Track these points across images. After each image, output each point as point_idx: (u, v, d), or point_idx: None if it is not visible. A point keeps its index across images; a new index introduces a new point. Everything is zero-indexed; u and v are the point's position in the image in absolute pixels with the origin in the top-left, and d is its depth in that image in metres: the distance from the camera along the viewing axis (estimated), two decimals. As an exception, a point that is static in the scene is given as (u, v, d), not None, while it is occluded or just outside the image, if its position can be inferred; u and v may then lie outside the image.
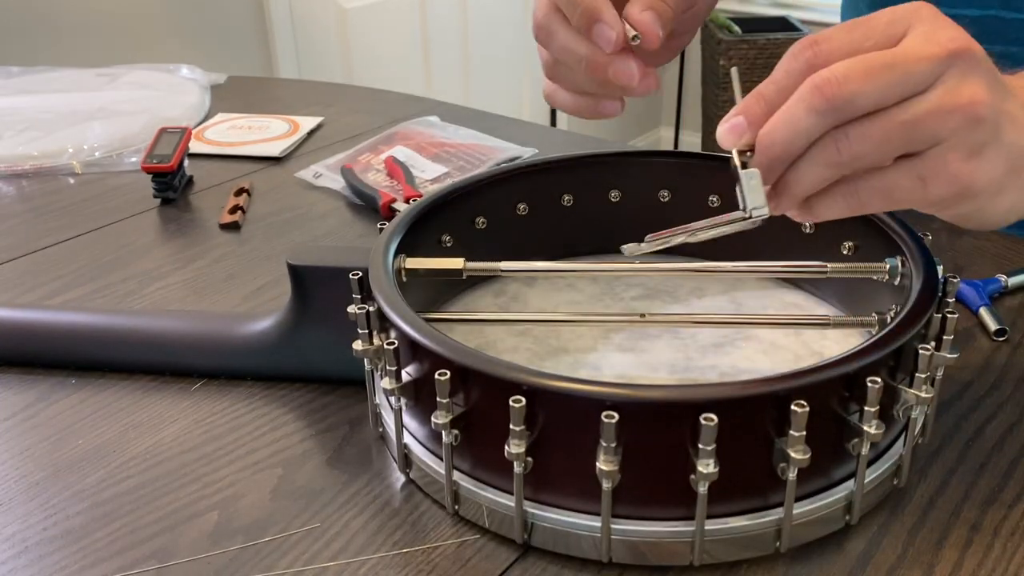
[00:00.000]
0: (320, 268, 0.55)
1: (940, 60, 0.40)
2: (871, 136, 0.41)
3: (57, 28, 1.81)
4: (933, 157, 0.42)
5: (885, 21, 0.42)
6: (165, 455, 0.54)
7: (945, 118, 0.41)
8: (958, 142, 0.41)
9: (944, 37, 0.41)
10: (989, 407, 0.56)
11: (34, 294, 0.73)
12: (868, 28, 0.42)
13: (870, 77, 0.40)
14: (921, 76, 0.40)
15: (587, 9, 0.49)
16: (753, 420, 0.43)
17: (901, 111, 0.41)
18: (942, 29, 0.41)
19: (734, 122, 0.43)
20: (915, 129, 0.41)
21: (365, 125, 1.08)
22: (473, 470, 0.48)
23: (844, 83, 0.40)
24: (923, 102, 0.41)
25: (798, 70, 0.42)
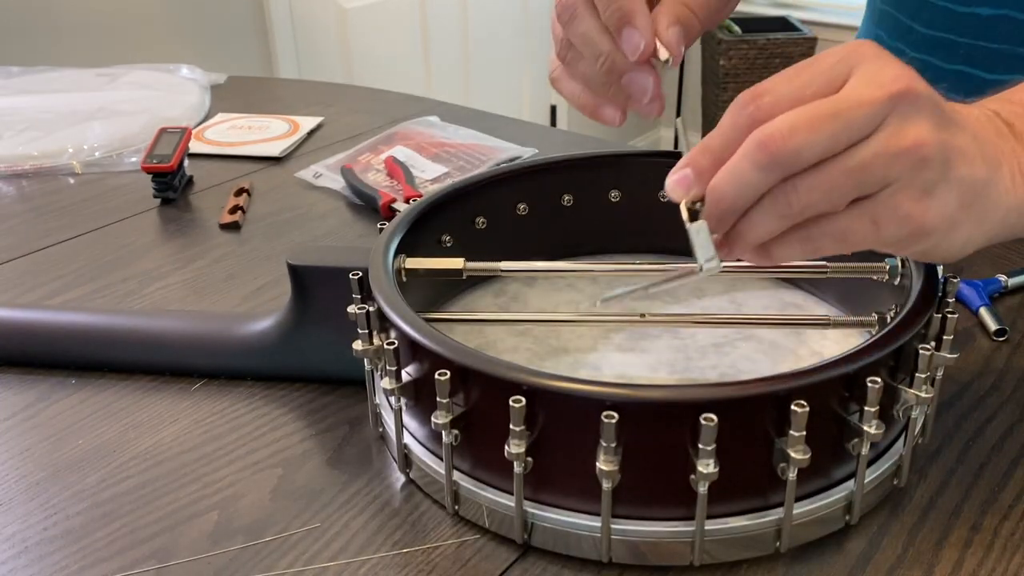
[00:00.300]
0: (320, 268, 0.55)
1: (882, 103, 0.40)
2: (820, 186, 0.41)
3: (57, 28, 1.81)
4: (884, 200, 0.41)
5: (827, 65, 0.42)
6: (165, 455, 0.54)
7: (891, 162, 0.40)
8: (907, 184, 0.41)
9: (886, 78, 0.40)
10: (989, 407, 0.56)
11: (34, 294, 0.73)
12: (810, 74, 0.42)
13: (814, 129, 0.40)
14: (864, 122, 0.40)
15: (621, 9, 0.49)
16: (753, 420, 0.43)
17: (848, 158, 0.40)
18: (884, 69, 0.41)
19: (682, 174, 0.43)
20: (863, 175, 0.41)
21: (365, 125, 1.08)
22: (473, 470, 0.48)
23: (789, 138, 0.40)
24: (868, 147, 0.40)
25: (743, 124, 0.41)
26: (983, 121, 0.45)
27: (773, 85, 0.42)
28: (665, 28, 0.49)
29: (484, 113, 1.12)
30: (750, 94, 0.42)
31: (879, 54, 0.42)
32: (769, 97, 0.41)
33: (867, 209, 0.42)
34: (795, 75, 0.42)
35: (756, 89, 0.42)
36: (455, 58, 2.55)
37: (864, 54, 0.42)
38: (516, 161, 0.91)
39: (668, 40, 0.49)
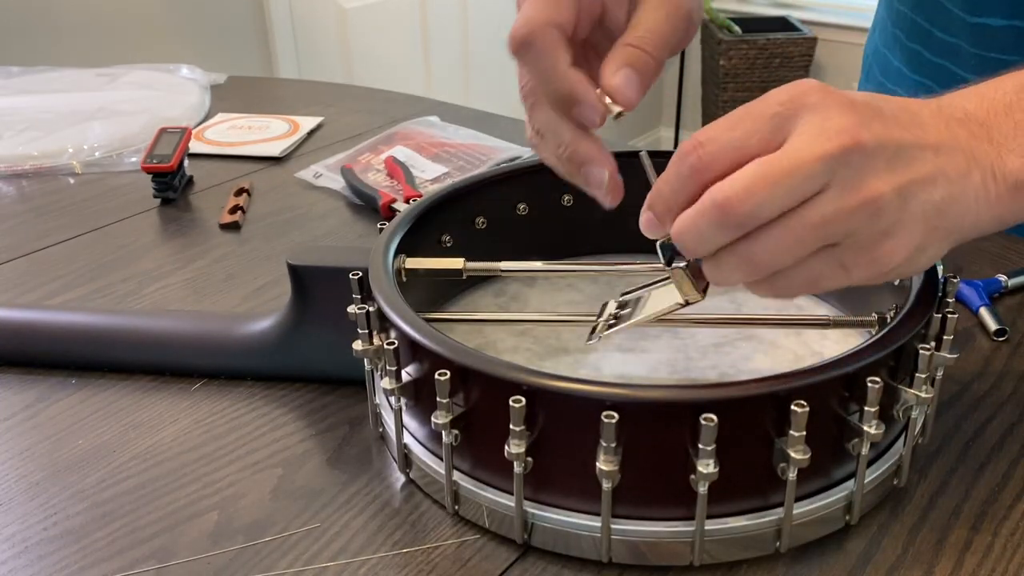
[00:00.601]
0: (320, 268, 0.55)
1: (833, 159, 0.39)
2: (782, 242, 0.41)
3: (57, 28, 1.81)
4: (850, 247, 0.42)
5: (770, 113, 0.41)
6: (165, 455, 0.54)
7: (849, 218, 0.41)
8: (869, 232, 0.41)
9: (832, 131, 0.40)
10: (989, 407, 0.56)
11: (34, 294, 0.73)
12: (753, 123, 0.41)
13: (769, 190, 0.40)
14: (816, 180, 0.40)
15: (565, 94, 0.47)
16: (753, 420, 0.43)
17: (808, 213, 0.40)
18: (829, 120, 0.40)
19: (646, 217, 0.44)
20: (825, 230, 0.41)
21: (365, 125, 1.08)
22: (473, 470, 0.48)
23: (745, 199, 0.40)
24: (825, 203, 0.40)
25: (686, 173, 0.42)
26: (952, 126, 0.44)
27: (716, 133, 0.41)
28: (611, 76, 0.47)
29: (484, 113, 1.12)
30: (692, 142, 0.42)
31: (823, 101, 0.41)
32: (712, 146, 0.41)
33: (834, 256, 0.42)
34: (737, 122, 0.41)
35: (698, 136, 0.42)
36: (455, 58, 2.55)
37: (807, 104, 0.41)
38: (516, 161, 0.91)
39: (614, 87, 0.47)
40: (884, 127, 0.41)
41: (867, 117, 0.41)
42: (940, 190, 0.42)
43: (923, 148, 0.42)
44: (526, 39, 0.47)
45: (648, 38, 0.48)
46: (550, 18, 0.47)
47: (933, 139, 0.43)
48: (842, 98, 0.41)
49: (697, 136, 0.42)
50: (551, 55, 0.47)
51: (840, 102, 0.41)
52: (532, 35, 0.46)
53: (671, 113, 3.47)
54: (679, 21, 0.50)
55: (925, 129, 0.43)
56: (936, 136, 0.43)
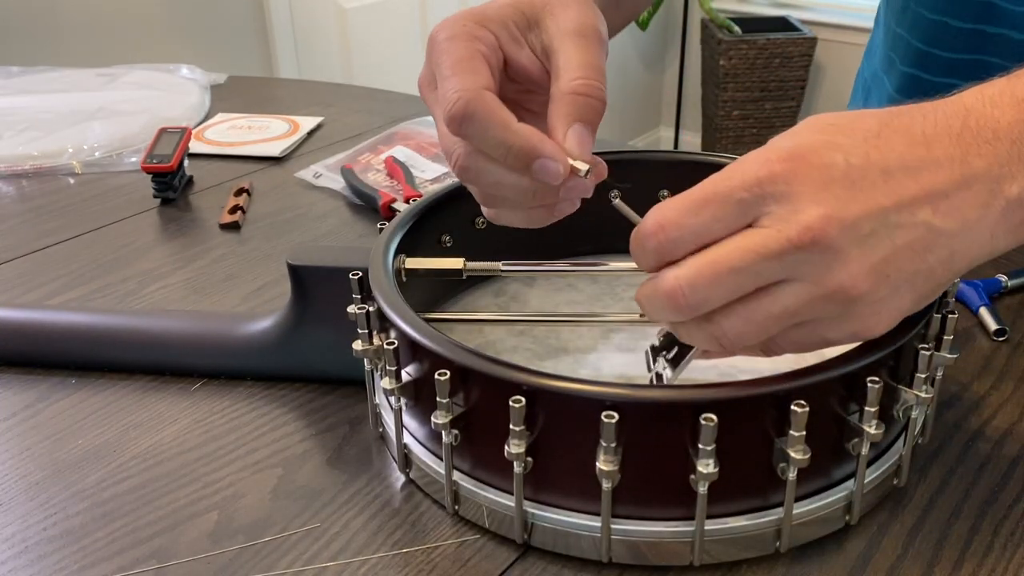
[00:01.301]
0: (320, 268, 0.55)
1: (787, 257, 0.38)
2: (745, 326, 0.41)
3: (57, 28, 1.81)
4: (827, 324, 0.41)
5: (735, 200, 0.39)
6: (165, 455, 0.54)
7: (814, 308, 0.40)
8: (845, 313, 0.40)
9: (795, 226, 0.38)
10: (989, 407, 0.56)
11: (34, 294, 0.73)
12: (718, 209, 0.39)
13: (716, 283, 0.39)
14: (767, 277, 0.39)
15: (523, 149, 0.44)
16: (753, 420, 0.43)
17: (768, 304, 0.40)
18: (797, 212, 0.38)
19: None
20: (790, 318, 0.40)
21: (365, 125, 1.09)
22: (473, 470, 0.48)
23: (690, 294, 0.40)
24: (786, 296, 0.40)
25: (650, 253, 0.41)
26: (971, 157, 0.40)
27: (677, 217, 0.40)
28: (563, 136, 0.45)
29: (484, 113, 1.12)
30: (654, 225, 0.40)
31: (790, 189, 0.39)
32: (673, 232, 0.40)
33: (817, 329, 0.42)
34: (702, 206, 0.40)
35: (661, 219, 0.40)
36: (455, 58, 2.55)
37: (774, 193, 0.39)
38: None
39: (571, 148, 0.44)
40: (865, 201, 0.39)
41: (843, 197, 0.39)
42: (935, 254, 0.40)
43: (919, 205, 0.39)
44: (466, 112, 0.44)
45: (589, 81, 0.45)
46: (476, 83, 0.45)
47: (941, 184, 0.40)
48: (816, 177, 0.39)
49: (659, 218, 0.40)
50: (496, 117, 0.44)
51: (813, 186, 0.39)
52: (470, 105, 0.44)
53: (671, 113, 3.47)
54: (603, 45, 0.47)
55: (935, 172, 0.40)
56: (947, 179, 0.40)
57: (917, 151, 0.40)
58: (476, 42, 0.47)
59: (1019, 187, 0.40)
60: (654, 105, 3.49)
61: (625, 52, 3.24)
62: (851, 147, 0.40)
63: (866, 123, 0.41)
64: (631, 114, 3.38)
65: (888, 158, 0.40)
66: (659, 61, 3.43)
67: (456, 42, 0.47)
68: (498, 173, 0.46)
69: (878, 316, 0.41)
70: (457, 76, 0.45)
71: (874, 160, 0.40)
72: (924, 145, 0.40)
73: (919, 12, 0.79)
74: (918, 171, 0.40)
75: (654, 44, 3.36)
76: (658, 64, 3.43)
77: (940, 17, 0.77)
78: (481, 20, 0.48)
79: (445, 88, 0.45)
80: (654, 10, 3.08)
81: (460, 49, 0.46)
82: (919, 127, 0.41)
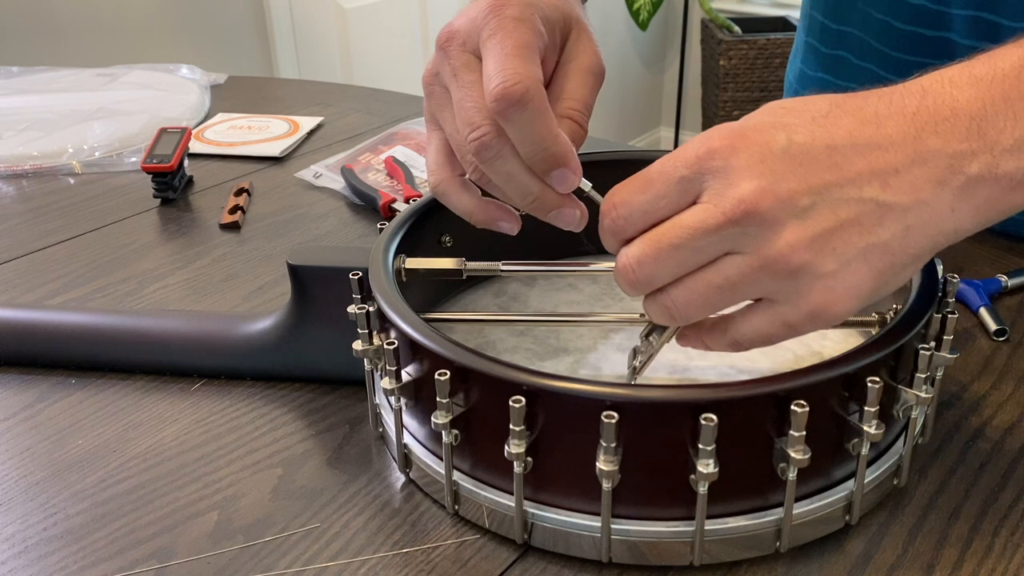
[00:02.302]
0: (320, 268, 0.55)
1: (722, 230, 0.39)
2: (692, 300, 0.42)
3: (57, 28, 1.81)
4: (784, 304, 0.41)
5: (677, 178, 0.41)
6: (165, 455, 0.54)
7: (757, 279, 0.40)
8: (796, 287, 0.40)
9: (729, 200, 0.39)
10: (989, 407, 0.56)
11: (34, 294, 0.73)
12: (662, 187, 0.41)
13: (659, 260, 0.41)
14: (706, 251, 0.40)
15: (555, 155, 0.45)
16: (753, 420, 0.43)
17: (711, 276, 0.41)
18: (732, 186, 0.39)
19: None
20: (734, 291, 0.41)
21: (365, 125, 1.09)
22: (473, 470, 0.48)
23: (637, 269, 0.42)
24: (727, 267, 0.41)
25: (607, 236, 0.43)
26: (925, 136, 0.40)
27: (627, 196, 0.42)
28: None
29: (484, 113, 1.12)
30: (609, 204, 0.43)
31: (727, 163, 0.40)
32: (623, 210, 0.42)
33: (776, 313, 0.42)
34: (648, 185, 0.42)
35: (612, 198, 0.43)
36: (455, 58, 2.54)
37: (711, 168, 0.40)
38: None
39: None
40: (804, 175, 0.39)
41: (780, 170, 0.39)
42: (887, 228, 0.40)
43: (865, 181, 0.40)
44: (524, 97, 0.43)
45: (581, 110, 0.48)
46: (538, 75, 0.45)
47: (891, 161, 0.40)
48: (754, 154, 0.39)
49: (613, 197, 0.43)
50: (548, 115, 0.45)
51: (749, 159, 0.39)
52: (529, 92, 0.43)
53: (671, 113, 3.47)
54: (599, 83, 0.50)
55: (885, 149, 0.40)
56: (896, 156, 0.40)
57: (866, 129, 0.40)
58: (540, 37, 0.47)
59: (980, 164, 0.40)
60: (654, 105, 3.49)
61: (625, 52, 3.24)
62: (796, 126, 0.40)
63: (817, 105, 0.42)
64: (631, 114, 3.38)
65: (834, 135, 0.40)
66: (659, 61, 3.43)
67: (524, 27, 0.46)
68: (514, 167, 0.46)
69: (833, 292, 0.40)
70: (520, 59, 0.44)
71: (819, 137, 0.40)
72: (875, 124, 0.41)
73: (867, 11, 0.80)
74: (866, 148, 0.40)
75: (654, 44, 3.36)
76: (658, 64, 3.43)
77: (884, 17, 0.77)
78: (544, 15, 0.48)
79: (504, 65, 0.44)
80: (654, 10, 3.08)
81: (527, 35, 0.46)
82: (872, 107, 0.41)
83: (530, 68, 0.44)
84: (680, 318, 0.43)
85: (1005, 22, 0.69)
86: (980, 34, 0.71)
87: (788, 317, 0.42)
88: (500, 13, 0.46)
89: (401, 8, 2.38)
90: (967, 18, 0.71)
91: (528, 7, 0.47)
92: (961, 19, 0.71)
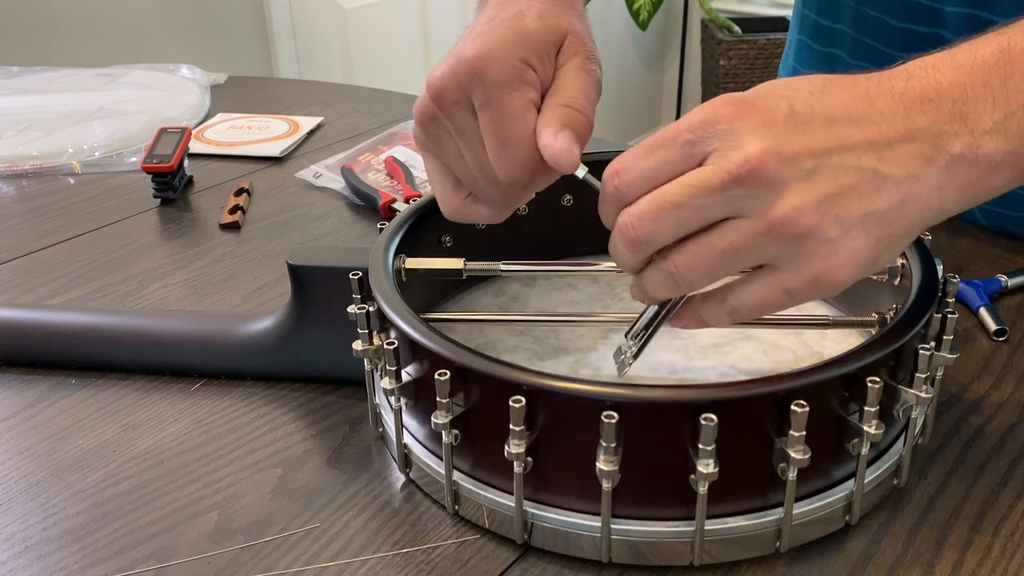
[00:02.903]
0: (320, 268, 0.55)
1: (726, 189, 0.39)
2: (694, 264, 0.42)
3: (57, 28, 1.81)
4: (784, 270, 0.41)
5: (681, 143, 0.41)
6: (165, 455, 0.54)
7: (761, 243, 0.40)
8: (798, 253, 0.41)
9: (734, 159, 0.39)
10: (989, 407, 0.56)
11: (34, 294, 0.73)
12: (664, 152, 0.41)
13: (659, 218, 0.41)
14: (709, 210, 0.40)
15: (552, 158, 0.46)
16: (753, 420, 0.43)
17: (715, 240, 0.41)
18: (737, 148, 0.39)
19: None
20: (737, 256, 0.41)
21: (365, 125, 1.09)
22: (473, 470, 0.48)
23: (637, 226, 0.41)
24: (731, 231, 0.40)
25: (608, 198, 0.43)
26: (913, 113, 0.41)
27: (630, 162, 0.42)
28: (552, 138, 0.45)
29: (484, 113, 1.12)
30: (611, 170, 0.42)
31: (733, 127, 0.40)
32: (626, 176, 0.42)
33: (776, 280, 0.42)
34: (651, 151, 0.42)
35: (615, 165, 0.42)
36: (455, 58, 2.54)
37: (716, 131, 0.40)
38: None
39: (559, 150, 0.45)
40: (807, 140, 0.40)
41: (784, 135, 0.40)
42: (884, 198, 0.41)
43: (863, 151, 0.41)
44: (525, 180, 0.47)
45: (580, 99, 0.47)
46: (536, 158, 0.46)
47: (884, 134, 0.41)
48: (758, 117, 0.40)
49: (614, 164, 0.42)
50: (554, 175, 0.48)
51: (754, 124, 0.40)
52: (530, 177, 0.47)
53: (671, 113, 3.47)
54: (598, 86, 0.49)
55: (878, 123, 0.41)
56: (889, 130, 0.41)
57: (860, 105, 0.42)
58: (528, 88, 0.47)
59: (962, 145, 0.42)
60: (654, 105, 3.49)
61: (625, 52, 3.23)
62: (796, 97, 0.41)
63: (812, 82, 0.43)
64: (631, 114, 3.38)
65: (832, 108, 0.41)
66: (659, 61, 3.43)
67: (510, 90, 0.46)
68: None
69: (835, 258, 0.41)
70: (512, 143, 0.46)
71: (817, 109, 0.41)
72: (867, 100, 0.42)
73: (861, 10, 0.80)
74: (862, 121, 0.41)
75: (654, 44, 3.36)
76: (658, 64, 3.43)
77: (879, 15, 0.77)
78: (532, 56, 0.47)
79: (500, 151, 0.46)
80: (654, 10, 3.08)
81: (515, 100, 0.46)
82: (863, 86, 0.42)
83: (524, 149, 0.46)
84: (684, 285, 0.42)
85: (997, 19, 0.69)
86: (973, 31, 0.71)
87: (789, 284, 0.42)
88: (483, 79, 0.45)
89: (401, 8, 2.38)
90: (960, 15, 0.71)
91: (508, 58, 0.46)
92: (954, 16, 0.72)
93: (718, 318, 0.45)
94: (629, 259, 0.43)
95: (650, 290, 0.44)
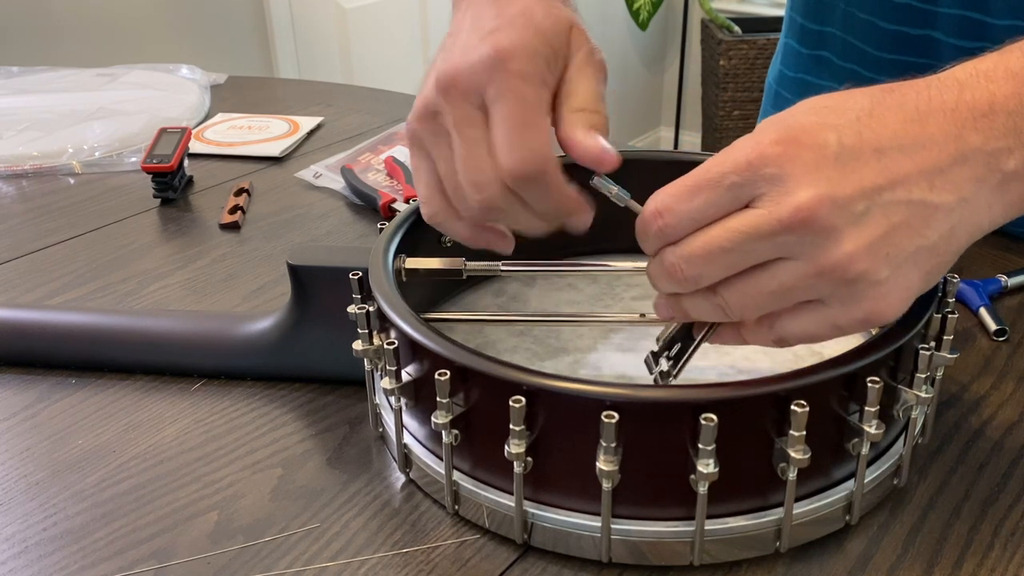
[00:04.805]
0: (320, 268, 0.55)
1: (779, 236, 0.39)
2: (747, 304, 0.42)
3: (57, 28, 1.81)
4: (835, 308, 0.41)
5: (727, 185, 0.40)
6: (165, 455, 0.54)
7: (812, 285, 0.40)
8: (849, 293, 0.40)
9: (786, 208, 0.39)
10: (989, 407, 0.56)
11: (34, 294, 0.73)
12: (711, 194, 0.40)
13: (708, 261, 0.41)
14: (763, 252, 0.40)
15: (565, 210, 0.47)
16: (753, 420, 0.43)
17: (765, 280, 0.41)
18: (789, 194, 0.39)
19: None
20: (786, 296, 0.41)
21: (365, 125, 1.09)
22: (473, 470, 0.48)
23: (686, 268, 0.41)
24: (782, 273, 0.40)
25: (652, 238, 0.42)
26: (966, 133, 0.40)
27: (674, 203, 0.41)
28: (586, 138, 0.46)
29: (484, 113, 1.12)
30: (654, 211, 0.42)
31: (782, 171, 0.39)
32: (671, 218, 0.41)
33: (826, 316, 0.42)
34: (696, 192, 0.41)
35: (659, 205, 0.42)
36: (455, 58, 2.54)
37: (765, 175, 0.39)
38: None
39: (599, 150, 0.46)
40: (858, 180, 0.39)
41: (835, 177, 0.39)
42: (934, 229, 0.40)
43: (914, 182, 0.40)
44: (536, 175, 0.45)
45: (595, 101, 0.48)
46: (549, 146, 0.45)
47: (936, 160, 0.40)
48: (808, 161, 0.39)
49: (657, 203, 0.42)
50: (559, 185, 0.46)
51: (805, 167, 0.39)
52: (540, 169, 0.45)
53: (671, 113, 3.47)
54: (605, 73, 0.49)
55: (930, 148, 0.40)
56: (941, 155, 0.40)
57: (911, 128, 0.40)
58: (545, 90, 0.46)
59: (1016, 161, 0.41)
60: (654, 105, 3.49)
61: (625, 52, 3.23)
62: (843, 127, 0.40)
63: (858, 102, 0.41)
64: (631, 114, 3.38)
65: (881, 136, 0.40)
66: (659, 61, 3.43)
67: (530, 86, 0.45)
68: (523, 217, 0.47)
69: (887, 299, 0.41)
70: (531, 131, 0.45)
71: (867, 139, 0.40)
72: (918, 122, 0.40)
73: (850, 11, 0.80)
74: (912, 148, 0.40)
75: (654, 44, 3.36)
76: (658, 64, 3.43)
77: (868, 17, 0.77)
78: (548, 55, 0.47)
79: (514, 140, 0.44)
80: (654, 10, 3.08)
81: (533, 95, 0.45)
82: (912, 103, 0.41)
83: (541, 140, 0.45)
84: (733, 316, 0.43)
85: (991, 20, 0.69)
86: (965, 32, 0.71)
87: (839, 320, 0.42)
88: (504, 69, 0.45)
89: (401, 8, 2.38)
90: (954, 17, 0.71)
91: (532, 55, 0.45)
92: (948, 18, 0.71)
93: (762, 342, 0.45)
94: (671, 289, 0.43)
95: (693, 313, 0.44)
